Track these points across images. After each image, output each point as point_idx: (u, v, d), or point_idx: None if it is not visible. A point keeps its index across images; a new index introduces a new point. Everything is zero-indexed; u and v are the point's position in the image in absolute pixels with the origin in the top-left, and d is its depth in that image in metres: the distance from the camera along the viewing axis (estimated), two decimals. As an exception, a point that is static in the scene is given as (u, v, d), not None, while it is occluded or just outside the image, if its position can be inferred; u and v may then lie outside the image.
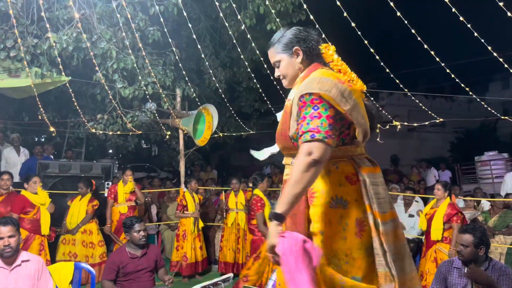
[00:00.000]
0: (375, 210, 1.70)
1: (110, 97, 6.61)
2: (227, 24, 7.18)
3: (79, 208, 5.86)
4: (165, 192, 8.28)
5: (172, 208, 7.31)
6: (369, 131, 1.84)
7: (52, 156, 8.43)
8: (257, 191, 5.74)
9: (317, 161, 1.57)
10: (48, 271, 3.34)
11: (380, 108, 10.42)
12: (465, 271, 2.87)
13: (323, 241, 1.67)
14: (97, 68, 6.11)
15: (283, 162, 1.90)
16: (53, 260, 5.52)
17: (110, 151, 20.02)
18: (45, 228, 5.36)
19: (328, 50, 1.89)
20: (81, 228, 5.81)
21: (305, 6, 5.47)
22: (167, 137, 7.89)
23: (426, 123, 5.90)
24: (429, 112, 5.82)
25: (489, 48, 4.22)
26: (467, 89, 5.03)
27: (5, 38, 5.86)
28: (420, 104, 6.22)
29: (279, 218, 1.59)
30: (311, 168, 1.57)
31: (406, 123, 6.34)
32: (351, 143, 1.81)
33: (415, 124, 6.49)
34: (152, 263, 3.94)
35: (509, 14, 3.79)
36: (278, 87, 8.05)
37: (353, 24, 4.78)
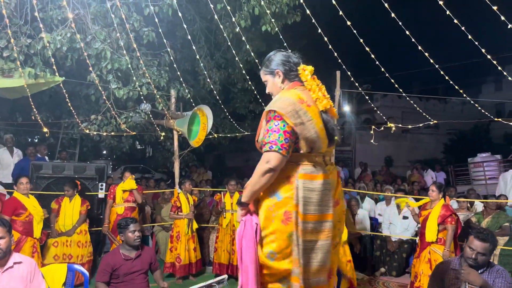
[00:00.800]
0: (299, 210, 2.10)
1: (104, 97, 6.56)
2: (221, 26, 7.17)
3: (72, 209, 5.82)
4: (159, 193, 8.25)
5: (166, 209, 7.28)
6: (322, 144, 2.17)
7: (46, 157, 8.36)
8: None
9: (271, 169, 2.04)
10: (41, 273, 3.31)
11: (376, 109, 10.44)
12: (461, 273, 2.87)
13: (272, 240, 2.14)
14: (90, 69, 6.06)
15: None
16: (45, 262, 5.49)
17: (104, 152, 19.95)
18: (37, 230, 5.31)
19: (304, 71, 2.27)
20: (77, 229, 5.78)
21: (302, 1, 5.43)
22: (162, 138, 7.86)
23: (420, 124, 5.92)
24: (424, 114, 5.84)
25: (483, 50, 4.25)
26: (461, 91, 5.05)
27: (-2, 38, 5.81)
28: (415, 106, 6.24)
29: (243, 204, 2.17)
30: (267, 174, 2.05)
31: (400, 125, 6.35)
32: (310, 151, 2.15)
33: (409, 126, 6.52)
34: (146, 265, 3.92)
35: (502, 18, 3.83)
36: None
37: (348, 23, 4.79)
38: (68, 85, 8.58)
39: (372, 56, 4.93)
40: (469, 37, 4.22)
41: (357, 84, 5.88)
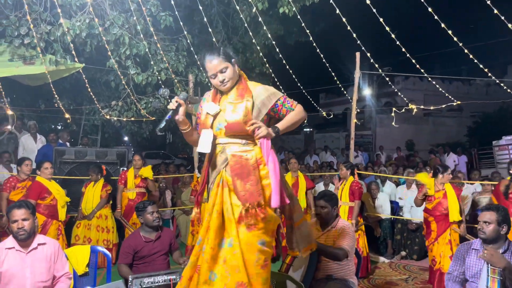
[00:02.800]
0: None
1: (124, 82, 6.61)
2: (238, 8, 7.08)
3: (93, 193, 5.93)
4: (179, 178, 8.33)
5: (186, 193, 7.36)
6: None
7: (68, 143, 8.52)
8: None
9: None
10: (65, 254, 3.40)
11: (396, 91, 10.23)
12: (483, 252, 2.81)
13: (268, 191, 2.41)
14: (109, 53, 6.10)
15: (227, 142, 2.49)
16: (69, 244, 5.64)
17: (126, 138, 20.22)
18: (62, 214, 5.45)
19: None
20: (97, 213, 5.89)
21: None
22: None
23: (443, 106, 5.77)
24: (446, 95, 5.69)
25: (510, 26, 4.08)
26: (486, 70, 4.88)
27: (19, 26, 5.89)
28: (437, 86, 6.07)
29: (277, 132, 2.45)
30: (303, 119, 2.58)
31: (422, 107, 6.21)
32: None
33: (431, 108, 6.35)
34: (166, 246, 3.97)
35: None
36: (290, 71, 8.00)
37: (368, 1, 4.66)
38: (88, 71, 8.69)
39: (393, 35, 4.80)
40: (495, 11, 4.05)
41: (376, 65, 5.75)
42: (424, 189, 5.20)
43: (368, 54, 5.33)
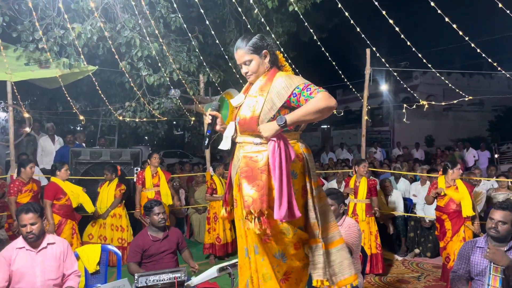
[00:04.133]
0: (312, 180, 2.27)
1: (132, 84, 6.73)
2: (252, 1, 7.06)
3: (107, 193, 6.06)
4: (193, 177, 8.42)
5: (199, 192, 7.44)
6: None
7: (84, 144, 8.71)
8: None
9: (334, 105, 2.11)
10: (74, 252, 3.50)
11: (409, 89, 10.08)
12: (486, 252, 2.78)
13: None
14: (116, 57, 6.22)
15: (242, 141, 2.30)
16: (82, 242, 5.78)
17: (146, 137, 20.50)
18: (89, 206, 5.68)
19: (281, 56, 2.43)
20: (111, 212, 6.02)
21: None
22: (192, 122, 7.99)
23: (455, 101, 5.67)
24: (457, 91, 5.58)
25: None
26: (495, 64, 4.78)
27: (33, 31, 6.05)
28: (447, 82, 5.96)
29: (283, 124, 2.06)
30: (331, 109, 2.11)
31: (433, 102, 6.10)
32: (297, 129, 2.34)
33: (442, 103, 6.24)
34: (173, 245, 4.04)
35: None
36: (296, 70, 7.96)
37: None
38: (104, 73, 8.87)
39: (397, 29, 4.73)
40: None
41: (384, 61, 5.69)
42: (439, 189, 5.13)
43: (374, 49, 5.26)
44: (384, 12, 4.57)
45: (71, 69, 6.49)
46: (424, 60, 5.01)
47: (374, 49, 5.42)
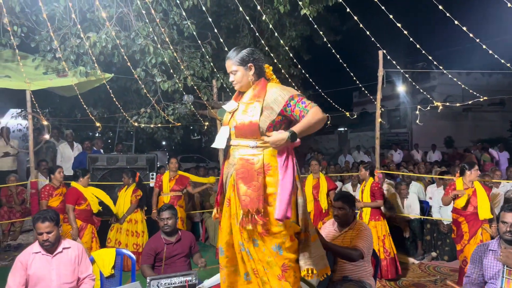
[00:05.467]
0: (299, 178, 2.50)
1: (145, 91, 6.84)
2: (260, 7, 7.12)
3: (124, 198, 6.18)
4: (208, 181, 8.48)
5: (214, 196, 7.50)
6: None
7: (102, 150, 8.88)
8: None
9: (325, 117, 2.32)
10: (90, 256, 3.58)
11: (422, 90, 9.96)
12: (499, 255, 2.74)
13: (275, 199, 2.32)
14: (129, 64, 6.34)
15: (237, 144, 2.48)
16: (102, 247, 5.88)
17: (164, 143, 20.75)
18: (113, 207, 5.98)
19: (269, 70, 2.62)
20: (127, 217, 6.13)
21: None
22: (205, 128, 8.07)
23: (469, 102, 5.59)
24: (468, 89, 5.49)
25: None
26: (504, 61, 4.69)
27: (50, 41, 6.23)
28: (459, 82, 5.87)
29: (293, 135, 2.24)
30: (323, 121, 2.32)
31: (448, 103, 6.03)
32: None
33: (457, 104, 6.15)
34: (186, 249, 4.09)
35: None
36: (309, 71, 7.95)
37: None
38: (120, 80, 9.04)
39: (411, 39, 4.71)
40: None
41: (395, 62, 5.65)
42: (459, 191, 5.05)
43: (384, 52, 5.23)
44: (391, 16, 4.55)
45: (88, 77, 6.65)
46: (435, 62, 4.95)
47: (384, 52, 5.38)
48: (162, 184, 6.46)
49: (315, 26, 6.43)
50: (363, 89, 7.08)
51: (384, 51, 5.33)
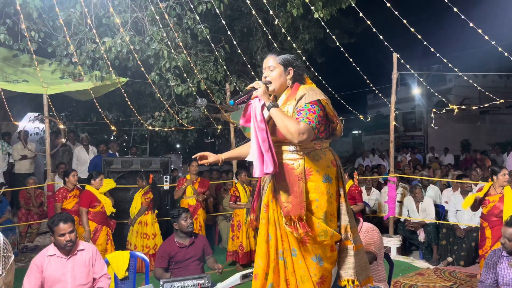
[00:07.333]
0: (344, 185, 2.44)
1: (158, 95, 6.90)
2: (273, 11, 7.15)
3: (136, 200, 6.24)
4: (222, 184, 8.52)
5: (227, 199, 7.52)
6: None
7: (117, 153, 8.98)
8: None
9: (300, 141, 2.16)
10: (102, 258, 3.62)
11: (435, 92, 9.84)
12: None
13: (318, 206, 2.30)
14: (142, 69, 6.41)
15: (276, 150, 2.34)
16: (117, 249, 5.94)
17: (178, 145, 20.88)
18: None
19: (309, 81, 2.53)
20: (137, 219, 6.19)
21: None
22: (218, 131, 8.10)
23: (486, 105, 5.50)
24: (484, 91, 5.40)
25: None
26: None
27: (67, 45, 6.34)
28: (475, 84, 5.78)
29: (270, 105, 2.23)
30: (294, 137, 2.16)
31: (463, 106, 5.95)
32: (328, 137, 2.46)
33: (473, 107, 6.07)
34: (199, 252, 4.11)
35: None
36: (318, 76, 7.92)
37: None
38: (135, 84, 9.15)
39: (425, 43, 4.67)
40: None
41: (408, 66, 5.60)
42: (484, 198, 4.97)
43: (398, 56, 5.18)
44: (405, 21, 4.51)
45: (103, 81, 6.75)
46: (450, 65, 4.90)
47: (398, 56, 5.33)
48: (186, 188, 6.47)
49: (328, 30, 6.39)
50: (377, 91, 7.02)
51: (398, 55, 5.27)
